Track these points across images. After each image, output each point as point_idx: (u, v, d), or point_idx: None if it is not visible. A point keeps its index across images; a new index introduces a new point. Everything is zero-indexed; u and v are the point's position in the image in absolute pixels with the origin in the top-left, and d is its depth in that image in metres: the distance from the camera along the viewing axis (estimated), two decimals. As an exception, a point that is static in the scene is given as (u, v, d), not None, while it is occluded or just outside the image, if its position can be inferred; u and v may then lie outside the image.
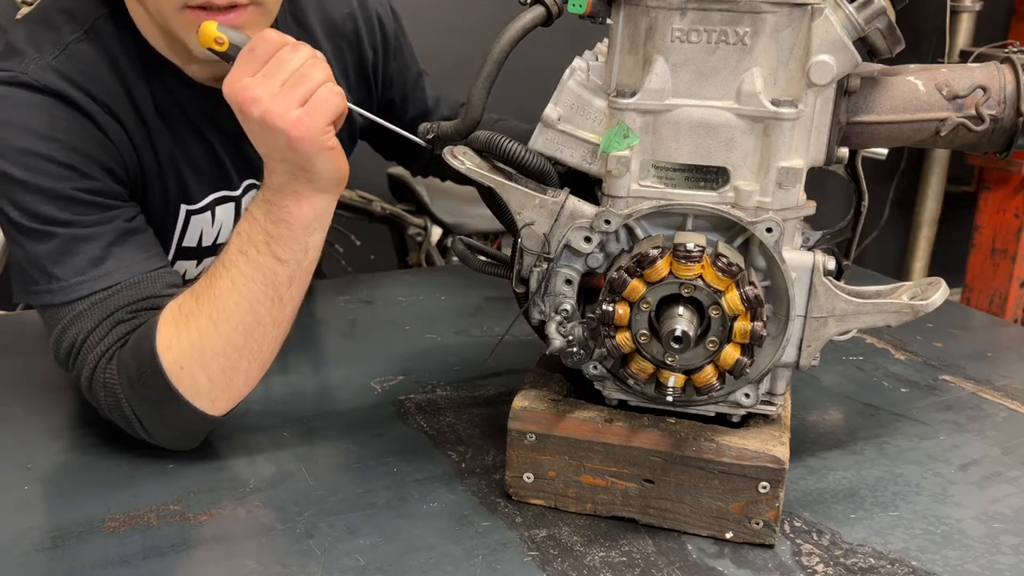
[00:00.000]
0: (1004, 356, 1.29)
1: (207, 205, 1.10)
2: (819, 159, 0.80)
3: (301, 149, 0.85)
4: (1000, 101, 0.82)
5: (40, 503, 0.89)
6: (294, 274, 0.91)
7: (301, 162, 0.87)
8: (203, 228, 1.12)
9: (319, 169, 0.87)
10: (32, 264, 0.94)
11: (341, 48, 1.18)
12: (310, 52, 0.87)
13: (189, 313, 0.90)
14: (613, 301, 0.78)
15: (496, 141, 0.81)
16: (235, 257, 0.90)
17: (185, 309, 0.90)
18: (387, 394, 1.11)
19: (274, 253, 0.89)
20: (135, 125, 1.00)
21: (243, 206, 1.14)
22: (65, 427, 1.02)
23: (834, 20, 0.75)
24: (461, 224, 2.41)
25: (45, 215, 0.92)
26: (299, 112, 0.84)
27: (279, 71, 0.85)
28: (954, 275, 2.91)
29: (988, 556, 0.82)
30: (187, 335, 0.89)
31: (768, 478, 0.81)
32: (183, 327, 0.90)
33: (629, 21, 0.78)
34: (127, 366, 0.91)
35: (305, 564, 0.79)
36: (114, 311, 0.92)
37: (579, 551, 0.82)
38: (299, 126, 0.84)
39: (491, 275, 0.93)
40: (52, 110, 0.94)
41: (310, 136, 0.85)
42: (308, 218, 0.90)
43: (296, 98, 0.84)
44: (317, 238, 0.91)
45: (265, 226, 0.90)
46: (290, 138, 0.84)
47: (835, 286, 0.80)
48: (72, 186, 0.92)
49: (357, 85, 1.22)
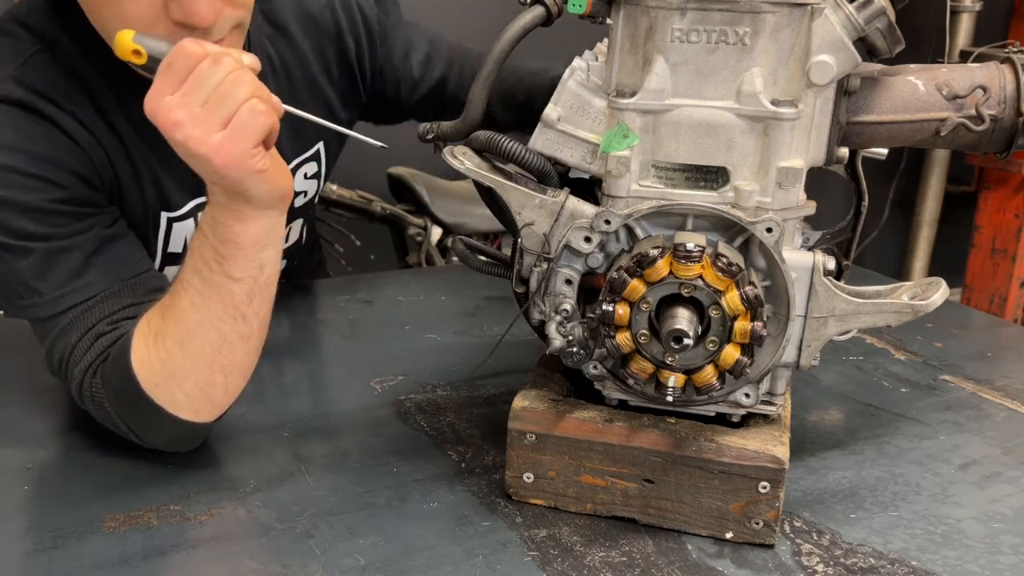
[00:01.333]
0: (1004, 356, 1.29)
1: (188, 212, 1.08)
2: (819, 159, 0.80)
3: (228, 175, 0.80)
4: (1000, 101, 0.82)
5: (40, 503, 0.88)
6: (252, 290, 0.87)
7: (232, 186, 0.82)
8: (187, 235, 1.09)
9: (253, 192, 0.83)
10: (15, 279, 0.92)
11: (321, 42, 1.15)
12: (233, 64, 0.80)
13: (157, 331, 0.88)
14: (613, 301, 0.78)
15: (496, 141, 0.81)
16: (190, 276, 0.87)
17: (153, 327, 0.88)
18: (387, 394, 1.11)
19: (227, 272, 0.86)
20: (105, 133, 0.98)
21: None
22: (65, 427, 1.02)
23: (834, 20, 0.75)
24: (461, 224, 2.41)
25: (21, 230, 0.90)
26: (221, 137, 0.78)
27: (199, 89, 0.78)
28: (954, 275, 2.91)
29: (988, 556, 0.82)
30: (156, 354, 0.88)
31: (768, 478, 0.81)
32: (152, 346, 0.88)
33: (629, 21, 0.78)
34: (110, 381, 0.90)
35: (305, 564, 0.79)
36: (95, 323, 0.91)
37: (579, 551, 0.82)
38: (222, 152, 0.78)
39: (491, 275, 0.93)
40: (17, 121, 0.91)
41: (235, 162, 0.79)
42: (255, 236, 0.85)
43: (217, 121, 0.78)
44: (270, 253, 0.87)
45: (214, 244, 0.86)
46: (214, 165, 0.79)
47: (835, 286, 0.80)
48: (45, 198, 0.90)
49: (340, 78, 1.19)
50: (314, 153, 1.21)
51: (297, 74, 1.13)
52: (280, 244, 0.88)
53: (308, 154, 1.20)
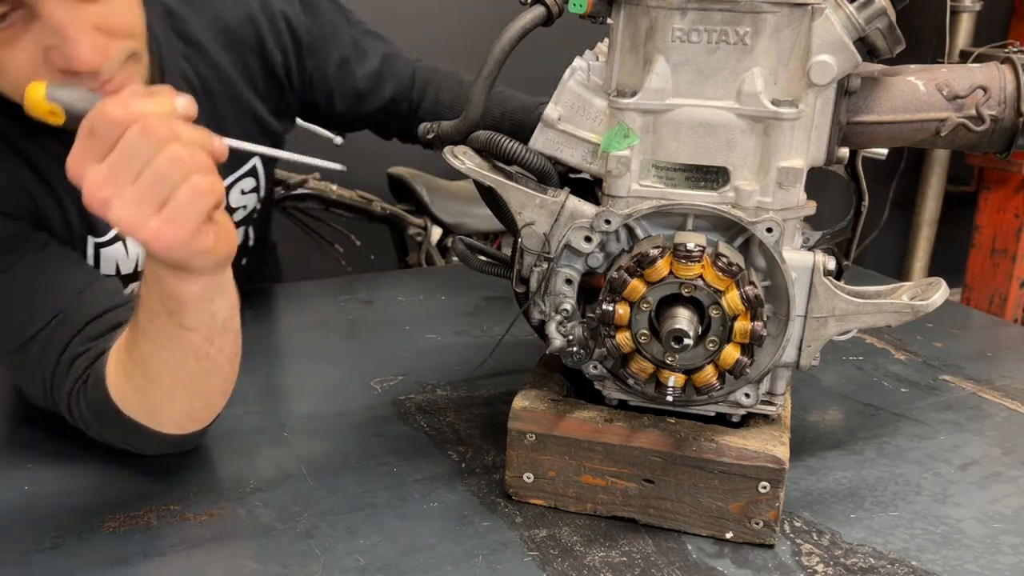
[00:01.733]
0: (1004, 356, 1.28)
1: (115, 236, 1.04)
2: (819, 159, 0.80)
3: (168, 257, 0.73)
4: (1000, 101, 0.82)
5: (40, 503, 0.88)
6: (209, 335, 0.82)
7: (173, 264, 0.75)
8: (118, 259, 1.06)
9: (195, 265, 0.75)
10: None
11: (244, 56, 1.08)
12: (166, 134, 0.69)
13: (126, 367, 0.85)
14: (613, 301, 0.78)
15: (496, 141, 0.81)
16: (145, 324, 0.81)
17: (123, 361, 0.85)
18: (387, 394, 1.11)
19: (179, 323, 0.80)
20: (19, 165, 0.93)
21: None
22: (65, 427, 1.01)
23: (834, 20, 0.75)
24: (461, 224, 2.41)
25: None
26: (158, 222, 0.69)
27: (128, 165, 0.68)
28: (954, 275, 2.91)
29: (988, 556, 0.82)
30: (131, 385, 0.86)
31: (768, 478, 0.81)
32: (125, 378, 0.86)
33: (629, 21, 0.78)
34: (93, 405, 0.89)
35: (305, 564, 0.79)
36: (65, 346, 0.89)
37: (579, 551, 0.82)
38: (160, 238, 0.70)
39: (491, 275, 0.93)
40: None
41: (176, 246, 0.71)
42: (199, 293, 0.78)
43: (152, 204, 0.69)
44: (219, 303, 0.81)
45: (160, 298, 0.79)
46: (152, 249, 0.71)
47: (835, 286, 0.80)
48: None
49: (268, 90, 1.13)
50: (250, 168, 1.17)
51: (219, 90, 1.08)
52: (231, 291, 0.83)
53: (244, 170, 1.16)
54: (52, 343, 0.90)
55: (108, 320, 0.91)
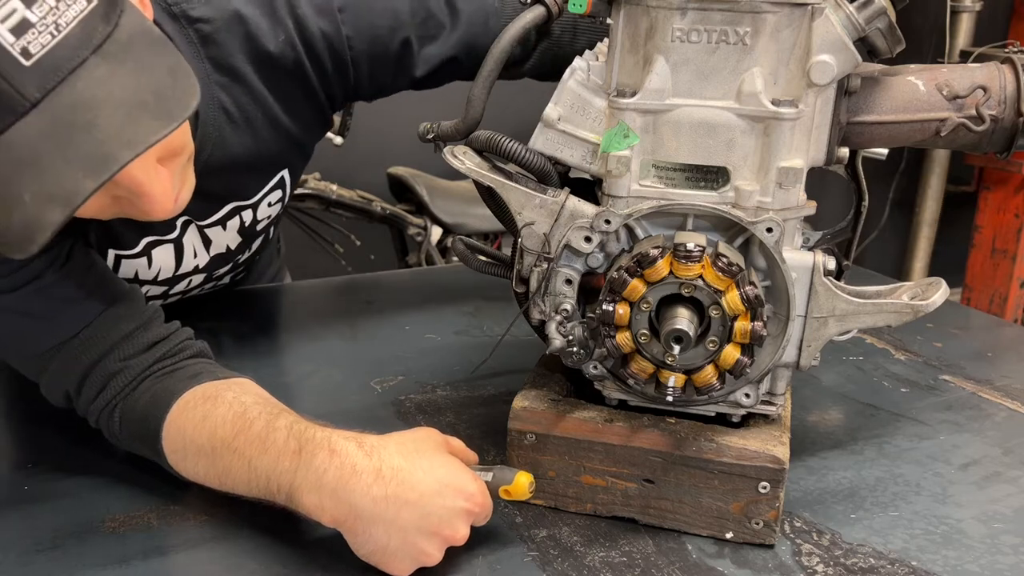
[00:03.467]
0: (1004, 356, 1.28)
1: (142, 250, 1.04)
2: (819, 159, 0.80)
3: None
4: (1000, 101, 0.82)
5: (40, 503, 0.88)
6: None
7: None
8: (138, 269, 1.06)
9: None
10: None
11: (281, 82, 1.04)
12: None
13: (195, 444, 0.85)
14: (613, 301, 0.78)
15: (496, 141, 0.81)
16: (249, 478, 0.82)
17: (193, 438, 0.85)
18: (387, 394, 1.11)
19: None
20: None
21: (184, 246, 1.09)
22: (65, 427, 1.01)
23: (834, 20, 0.75)
24: (461, 224, 2.42)
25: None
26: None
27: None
28: (954, 275, 2.91)
29: (988, 556, 0.82)
30: (191, 465, 0.87)
31: (768, 478, 0.81)
32: (183, 447, 0.86)
33: (629, 21, 0.78)
34: (133, 430, 0.90)
35: (305, 564, 0.79)
36: (97, 361, 0.90)
37: (579, 551, 0.82)
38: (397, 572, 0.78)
39: (491, 275, 0.93)
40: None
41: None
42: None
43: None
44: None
45: (279, 498, 0.81)
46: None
47: (835, 286, 0.80)
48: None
49: (304, 108, 1.09)
50: (278, 181, 1.15)
51: (257, 117, 1.05)
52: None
53: (272, 183, 1.14)
54: (80, 355, 0.90)
55: (140, 340, 0.92)
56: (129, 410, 0.90)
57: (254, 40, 1.00)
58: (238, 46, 0.99)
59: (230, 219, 1.11)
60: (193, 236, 1.09)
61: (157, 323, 0.95)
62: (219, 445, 0.83)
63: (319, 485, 0.77)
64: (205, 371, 0.92)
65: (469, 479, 0.79)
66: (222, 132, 1.00)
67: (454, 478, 0.78)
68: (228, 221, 1.11)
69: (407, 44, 1.08)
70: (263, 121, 1.06)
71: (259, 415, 0.83)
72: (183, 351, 0.94)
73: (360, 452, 0.78)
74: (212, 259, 1.14)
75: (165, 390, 0.89)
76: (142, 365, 0.91)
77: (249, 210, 1.12)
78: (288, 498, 0.79)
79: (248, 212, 1.13)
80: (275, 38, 1.01)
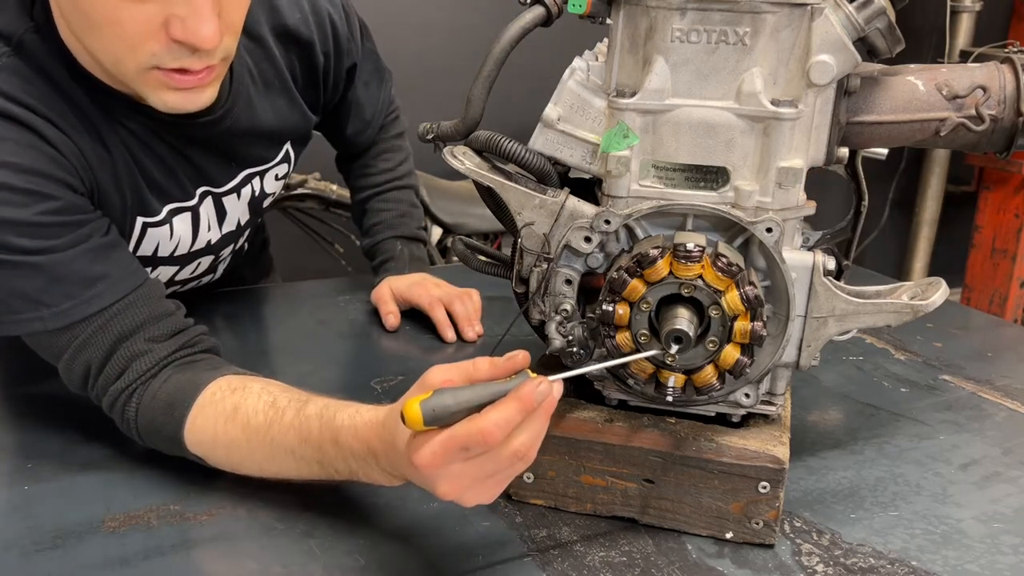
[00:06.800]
0: (1004, 356, 1.29)
1: (164, 218, 1.07)
2: (819, 159, 0.80)
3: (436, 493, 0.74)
4: (1000, 101, 0.82)
5: (40, 503, 0.88)
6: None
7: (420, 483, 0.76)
8: (160, 240, 1.08)
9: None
10: (12, 295, 0.89)
11: (295, 55, 1.15)
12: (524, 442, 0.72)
13: (228, 436, 0.86)
14: (613, 301, 0.78)
15: (496, 141, 0.81)
16: (300, 460, 0.84)
17: (227, 429, 0.86)
18: (387, 394, 1.11)
19: (332, 474, 0.83)
20: (84, 138, 0.94)
21: (200, 216, 1.12)
22: (65, 427, 1.01)
23: (834, 20, 0.75)
24: (461, 224, 2.41)
25: (17, 247, 0.87)
26: (473, 493, 0.73)
27: (483, 470, 0.72)
28: (954, 275, 2.91)
29: (988, 556, 0.82)
30: (223, 454, 0.88)
31: (768, 478, 0.81)
32: (221, 448, 0.88)
33: (629, 21, 0.78)
34: (152, 417, 0.90)
35: (305, 564, 0.79)
36: (124, 337, 0.91)
37: (579, 551, 0.82)
38: (466, 501, 0.73)
39: (491, 275, 0.93)
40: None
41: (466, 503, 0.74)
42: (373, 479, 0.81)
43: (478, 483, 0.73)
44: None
45: (344, 472, 0.82)
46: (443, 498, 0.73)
47: (835, 286, 0.80)
48: (36, 211, 0.87)
49: (305, 90, 1.20)
50: (284, 154, 1.21)
51: (276, 85, 1.14)
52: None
53: (279, 157, 1.20)
54: (108, 329, 0.91)
55: (167, 325, 0.93)
56: (149, 397, 0.90)
57: (276, 12, 1.11)
58: (264, 16, 1.10)
59: (243, 187, 1.17)
60: (208, 208, 1.14)
61: (180, 313, 0.97)
62: (253, 435, 0.85)
63: (369, 468, 0.79)
64: (223, 365, 0.95)
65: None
66: (249, 92, 1.09)
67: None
68: (242, 189, 1.17)
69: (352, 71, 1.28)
70: (279, 89, 1.15)
71: (288, 404, 0.86)
72: (199, 343, 0.96)
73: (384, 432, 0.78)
74: (223, 236, 1.19)
75: (190, 380, 0.90)
76: (165, 351, 0.92)
77: (258, 178, 1.19)
78: (352, 478, 0.82)
79: (258, 181, 1.19)
80: (292, 15, 1.13)
